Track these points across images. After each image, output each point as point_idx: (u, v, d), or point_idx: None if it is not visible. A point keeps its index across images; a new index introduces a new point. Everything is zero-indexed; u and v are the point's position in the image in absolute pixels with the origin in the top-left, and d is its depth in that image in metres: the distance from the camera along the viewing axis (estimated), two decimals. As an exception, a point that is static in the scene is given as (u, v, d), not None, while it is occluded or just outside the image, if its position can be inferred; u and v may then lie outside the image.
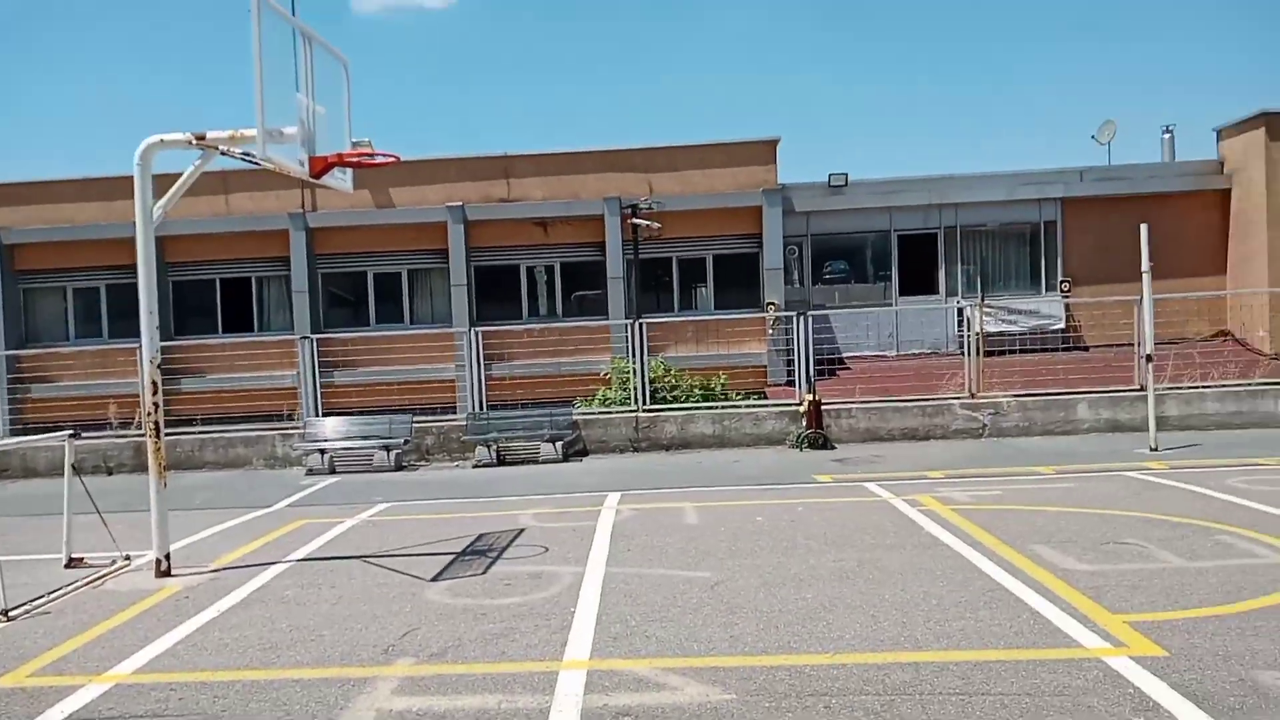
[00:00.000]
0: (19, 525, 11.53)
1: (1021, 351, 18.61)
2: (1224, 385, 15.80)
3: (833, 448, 15.17)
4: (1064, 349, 20.58)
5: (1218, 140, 22.20)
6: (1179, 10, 52.04)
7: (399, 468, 15.29)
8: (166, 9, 56.22)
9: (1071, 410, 15.55)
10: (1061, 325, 21.29)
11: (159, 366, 8.60)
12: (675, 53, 57.27)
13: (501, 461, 15.40)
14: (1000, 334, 19.69)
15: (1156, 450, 13.40)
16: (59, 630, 6.90)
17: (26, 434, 17.49)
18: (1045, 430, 15.44)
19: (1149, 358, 14.02)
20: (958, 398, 15.85)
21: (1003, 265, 22.73)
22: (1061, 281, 22.01)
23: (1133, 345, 15.75)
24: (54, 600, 7.74)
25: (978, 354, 16.16)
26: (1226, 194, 21.67)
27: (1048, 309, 21.47)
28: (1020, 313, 21.21)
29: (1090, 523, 8.94)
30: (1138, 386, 15.31)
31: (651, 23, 57.56)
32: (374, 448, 15.39)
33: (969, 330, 16.51)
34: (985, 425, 15.54)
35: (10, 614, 7.28)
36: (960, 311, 19.53)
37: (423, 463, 15.85)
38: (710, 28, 55.24)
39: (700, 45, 56.02)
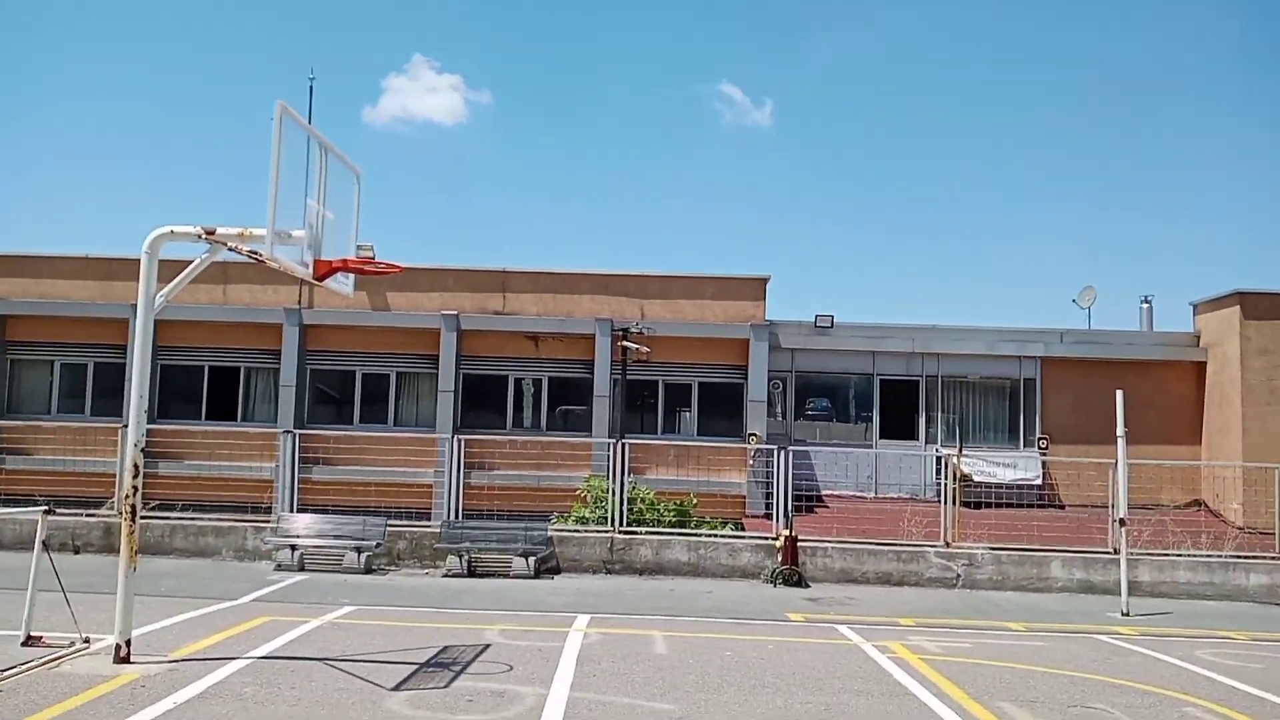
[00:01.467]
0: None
1: (997, 505, 18.74)
2: (1196, 555, 15.89)
3: (807, 586, 15.10)
4: (1039, 505, 20.73)
5: (1194, 314, 22.91)
6: (1160, 186, 54.26)
7: (368, 570, 15.10)
8: (177, 90, 57.56)
9: (1045, 567, 15.58)
10: (1038, 482, 21.49)
11: (142, 450, 8.63)
12: (674, 181, 58.98)
13: (472, 573, 15.24)
14: (977, 485, 19.85)
15: (1128, 615, 13.40)
16: (9, 711, 6.75)
17: (-4, 505, 17.20)
18: (1018, 585, 15.44)
19: (1122, 521, 14.16)
20: (933, 546, 15.88)
21: (981, 418, 23.09)
22: (1039, 438, 22.32)
23: (1107, 507, 15.89)
24: (6, 679, 7.58)
25: (955, 503, 16.27)
26: (1202, 366, 22.25)
27: (1025, 464, 21.70)
28: (998, 465, 21.43)
29: (1058, 684, 8.92)
30: (1111, 549, 15.39)
31: (653, 153, 59.45)
32: (345, 548, 15.24)
33: (946, 479, 16.66)
34: (959, 575, 15.54)
35: (-40, 690, 7.13)
36: (939, 460, 19.73)
37: (393, 567, 15.66)
38: (711, 161, 57.08)
39: (699, 177, 57.77)
